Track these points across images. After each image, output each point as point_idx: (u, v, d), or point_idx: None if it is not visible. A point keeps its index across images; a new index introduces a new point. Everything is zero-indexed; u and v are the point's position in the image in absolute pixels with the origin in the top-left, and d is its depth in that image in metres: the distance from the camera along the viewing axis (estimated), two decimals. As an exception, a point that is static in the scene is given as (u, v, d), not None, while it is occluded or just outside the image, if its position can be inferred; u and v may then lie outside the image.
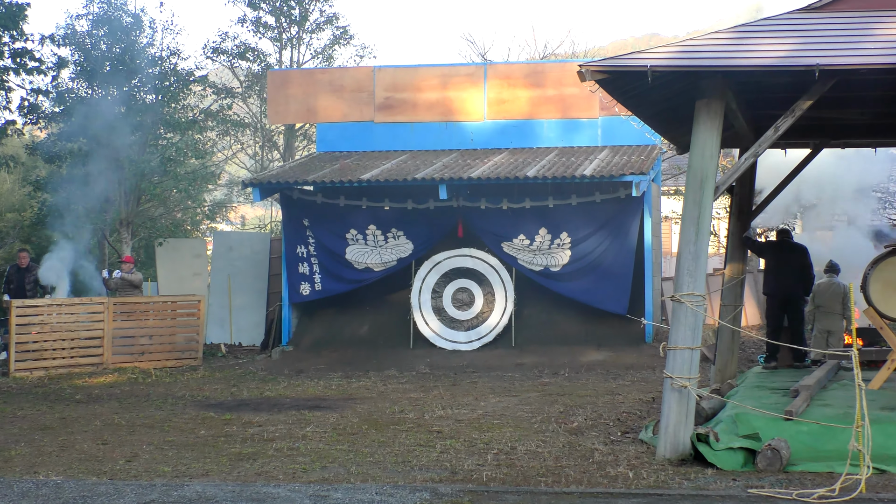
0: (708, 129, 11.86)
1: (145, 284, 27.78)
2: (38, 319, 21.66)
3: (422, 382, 19.75)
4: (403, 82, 26.60)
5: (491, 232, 23.98)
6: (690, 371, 11.61)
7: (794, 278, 17.19)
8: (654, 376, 19.83)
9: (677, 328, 11.70)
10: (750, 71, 11.78)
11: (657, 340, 22.90)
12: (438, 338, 24.06)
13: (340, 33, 40.65)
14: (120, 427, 14.62)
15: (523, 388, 18.66)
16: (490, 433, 13.52)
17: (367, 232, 24.49)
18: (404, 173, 23.38)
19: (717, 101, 11.91)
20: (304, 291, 24.90)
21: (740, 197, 16.81)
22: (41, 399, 17.88)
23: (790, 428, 11.38)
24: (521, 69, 26.70)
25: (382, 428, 14.10)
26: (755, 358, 21.36)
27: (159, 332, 23.15)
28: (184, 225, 35.32)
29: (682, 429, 11.49)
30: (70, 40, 27.67)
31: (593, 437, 13.12)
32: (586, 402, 16.50)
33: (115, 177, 26.78)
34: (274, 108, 27.54)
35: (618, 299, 23.31)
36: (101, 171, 25.88)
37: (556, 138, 25.90)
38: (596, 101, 24.86)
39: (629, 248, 23.36)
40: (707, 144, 11.85)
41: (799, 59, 11.49)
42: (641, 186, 22.31)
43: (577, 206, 23.59)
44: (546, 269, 23.75)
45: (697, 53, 11.99)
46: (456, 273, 24.33)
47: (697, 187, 11.81)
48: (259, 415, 15.58)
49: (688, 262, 11.76)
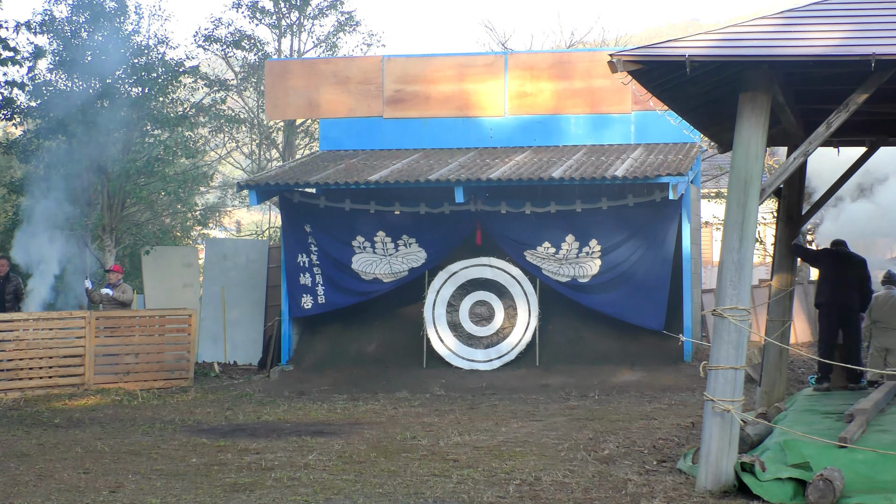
0: (752, 125, 11.87)
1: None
2: (12, 335, 21.71)
3: (436, 406, 19.78)
4: (415, 73, 26.65)
5: (512, 239, 24.00)
6: (734, 393, 11.61)
7: (851, 289, 17.18)
8: (693, 399, 19.82)
9: (719, 346, 11.70)
10: (799, 61, 11.78)
11: (697, 359, 22.88)
12: (454, 356, 24.08)
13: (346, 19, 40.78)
14: (103, 454, 14.67)
15: (548, 411, 18.68)
16: (512, 462, 13.54)
17: (375, 239, 24.54)
18: (416, 174, 23.43)
19: (763, 95, 11.91)
20: (305, 305, 24.95)
21: (789, 200, 16.81)
22: (16, 423, 17.94)
23: (844, 456, 11.37)
24: (545, 59, 26.73)
25: (392, 456, 14.13)
26: (805, 379, 21.34)
27: (146, 349, 23.20)
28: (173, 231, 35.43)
29: (725, 457, 11.49)
30: (48, 28, 27.72)
31: (626, 466, 13.12)
32: (618, 427, 16.50)
33: (96, 178, 26.85)
34: (272, 102, 27.61)
35: (653, 314, 23.31)
36: (81, 171, 25.96)
37: (584, 135, 25.92)
38: (629, 95, 24.88)
39: (665, 256, 23.36)
40: (751, 142, 11.86)
41: (853, 47, 11.49)
42: (679, 189, 22.31)
43: (607, 211, 23.61)
44: (573, 281, 23.76)
45: (741, 41, 12.00)
46: (474, 284, 24.36)
47: (741, 190, 11.82)
48: (256, 441, 15.62)
49: (731, 273, 11.76)
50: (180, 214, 34.55)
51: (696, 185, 25.73)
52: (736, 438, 11.65)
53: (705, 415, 11.71)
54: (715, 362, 11.70)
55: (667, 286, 23.34)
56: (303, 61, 29.91)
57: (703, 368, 11.88)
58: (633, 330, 23.59)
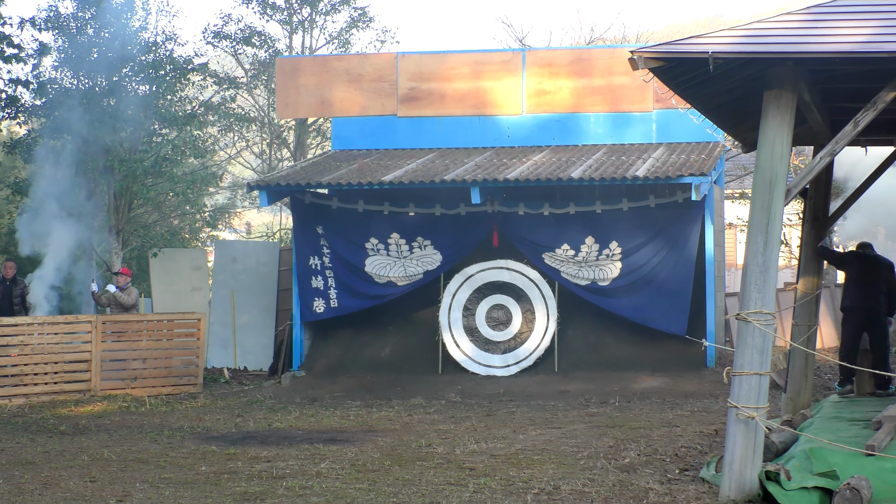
0: (778, 123, 11.87)
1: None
2: (17, 340, 21.77)
3: (452, 412, 19.79)
4: (430, 71, 26.68)
5: (530, 241, 24.02)
6: (758, 400, 11.61)
7: (878, 293, 17.16)
8: (716, 406, 19.81)
9: (743, 351, 11.70)
10: (826, 58, 11.77)
11: (720, 365, 22.87)
12: (471, 361, 24.10)
13: (359, 15, 40.83)
14: (110, 462, 14.70)
15: (567, 418, 18.68)
16: (530, 470, 13.55)
17: (389, 241, 24.57)
18: (431, 174, 23.45)
19: (789, 93, 11.91)
20: (317, 309, 24.99)
21: (815, 201, 16.79)
22: (21, 430, 17.99)
23: (872, 464, 11.36)
24: (564, 56, 26.74)
25: (407, 464, 14.14)
26: (832, 385, 21.31)
27: (154, 354, 23.24)
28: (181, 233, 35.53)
29: (749, 465, 11.49)
30: (53, 24, 27.83)
31: (647, 475, 13.13)
32: (639, 435, 16.50)
33: (103, 178, 26.92)
34: (283, 100, 27.66)
35: (675, 318, 23.31)
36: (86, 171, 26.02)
37: (604, 134, 25.92)
38: (650, 93, 24.88)
39: (688, 259, 23.36)
40: (777, 141, 11.85)
41: (882, 43, 11.48)
42: (702, 189, 22.30)
43: (628, 212, 23.61)
44: (593, 284, 23.77)
45: (766, 38, 11.99)
46: (490, 288, 24.38)
47: (766, 190, 11.82)
48: (267, 449, 15.65)
49: (755, 276, 11.76)
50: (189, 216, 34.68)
51: (719, 185, 25.72)
52: (760, 446, 11.65)
53: (729, 422, 11.70)
54: (739, 368, 11.69)
55: (689, 290, 23.34)
56: (314, 58, 29.95)
57: (727, 374, 11.87)
58: (654, 335, 23.59)
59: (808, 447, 11.99)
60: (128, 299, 23.59)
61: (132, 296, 23.74)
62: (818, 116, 14.65)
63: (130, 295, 23.68)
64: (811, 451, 11.84)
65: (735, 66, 12.05)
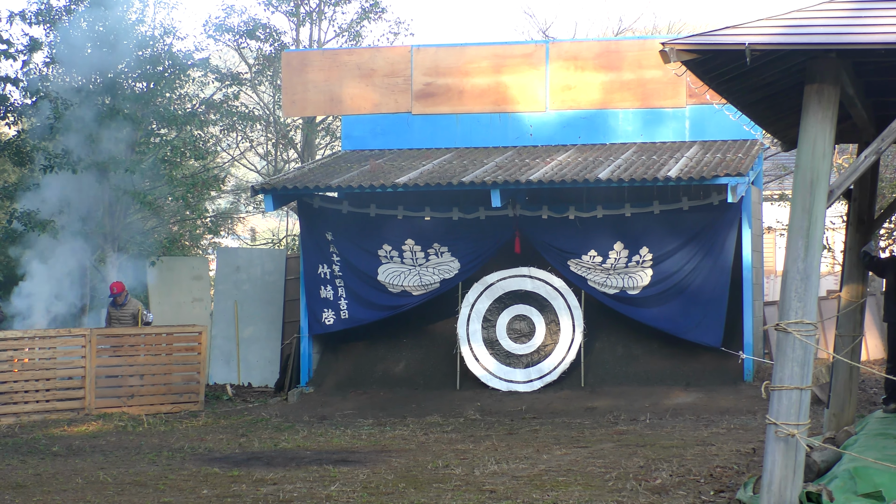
0: (819, 120, 11.87)
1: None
2: (6, 355, 21.83)
3: (471, 431, 19.82)
4: (447, 65, 26.72)
5: (555, 247, 24.04)
6: (799, 416, 11.61)
7: (922, 303, 17.12)
8: (754, 423, 19.81)
9: (783, 364, 11.70)
10: (871, 49, 11.77)
11: (759, 379, 22.86)
12: (491, 377, 24.12)
13: (370, 6, 40.85)
14: (106, 486, 14.75)
15: (595, 437, 18.70)
16: (554, 493, 13.57)
17: (403, 248, 24.61)
18: (449, 176, 23.49)
19: (831, 87, 11.90)
20: (327, 321, 25.03)
21: (859, 203, 16.76)
22: (11, 451, 18.05)
23: (922, 485, 11.35)
24: (591, 48, 26.76)
25: (423, 486, 14.17)
26: (878, 400, 21.28)
27: (152, 370, 23.31)
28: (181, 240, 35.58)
29: (789, 486, 11.49)
30: (44, 17, 27.94)
31: (681, 496, 13.14)
32: (672, 454, 16.51)
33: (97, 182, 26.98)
34: (290, 97, 27.72)
35: (710, 329, 23.31)
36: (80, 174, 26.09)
37: (634, 132, 25.95)
38: (683, 87, 24.90)
39: (724, 266, 23.36)
40: (818, 139, 11.85)
41: (931, 34, 11.47)
42: (739, 191, 22.29)
43: (659, 215, 23.62)
44: (622, 293, 23.78)
45: (806, 28, 11.99)
46: (512, 297, 24.40)
47: (807, 191, 11.82)
48: (273, 471, 15.68)
49: (796, 283, 11.76)
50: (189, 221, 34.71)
51: (757, 186, 25.71)
52: (801, 466, 11.64)
53: (767, 440, 11.70)
54: (778, 382, 11.69)
55: (725, 298, 23.33)
56: (323, 52, 30.03)
57: (766, 389, 11.87)
58: (688, 347, 23.58)
59: (853, 466, 11.98)
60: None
61: (131, 308, 23.79)
62: (862, 112, 14.64)
63: (128, 307, 23.72)
64: (855, 470, 11.84)
65: (774, 59, 12.05)
